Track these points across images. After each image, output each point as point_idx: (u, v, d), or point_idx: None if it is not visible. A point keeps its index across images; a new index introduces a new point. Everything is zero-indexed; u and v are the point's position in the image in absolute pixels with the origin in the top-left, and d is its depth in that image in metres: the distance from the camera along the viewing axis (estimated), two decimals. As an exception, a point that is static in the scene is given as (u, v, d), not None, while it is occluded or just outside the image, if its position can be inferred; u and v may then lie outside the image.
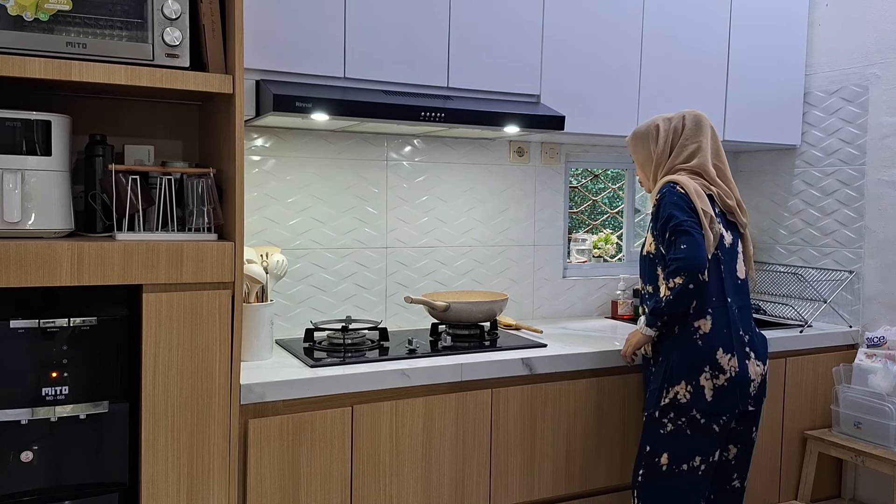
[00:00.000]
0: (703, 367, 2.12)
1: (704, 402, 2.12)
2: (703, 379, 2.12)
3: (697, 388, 2.12)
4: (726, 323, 2.15)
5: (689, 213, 2.12)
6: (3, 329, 1.69)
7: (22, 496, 1.73)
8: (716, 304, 2.16)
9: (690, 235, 2.08)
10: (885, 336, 2.80)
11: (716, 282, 2.17)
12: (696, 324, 2.14)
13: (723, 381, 2.12)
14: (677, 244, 2.11)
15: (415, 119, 2.24)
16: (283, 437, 1.97)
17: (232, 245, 1.88)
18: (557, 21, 2.60)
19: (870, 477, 2.97)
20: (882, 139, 2.92)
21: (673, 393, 2.13)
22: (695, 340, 2.14)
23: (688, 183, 2.16)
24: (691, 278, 2.08)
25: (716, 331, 2.14)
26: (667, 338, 2.19)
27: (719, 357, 2.12)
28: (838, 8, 3.07)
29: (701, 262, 2.07)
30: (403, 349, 2.32)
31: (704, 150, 2.25)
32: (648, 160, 2.32)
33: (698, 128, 2.27)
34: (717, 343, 2.13)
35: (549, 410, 2.33)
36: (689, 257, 2.07)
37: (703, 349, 2.13)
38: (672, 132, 2.28)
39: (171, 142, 2.26)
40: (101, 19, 1.77)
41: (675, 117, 2.31)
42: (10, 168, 1.73)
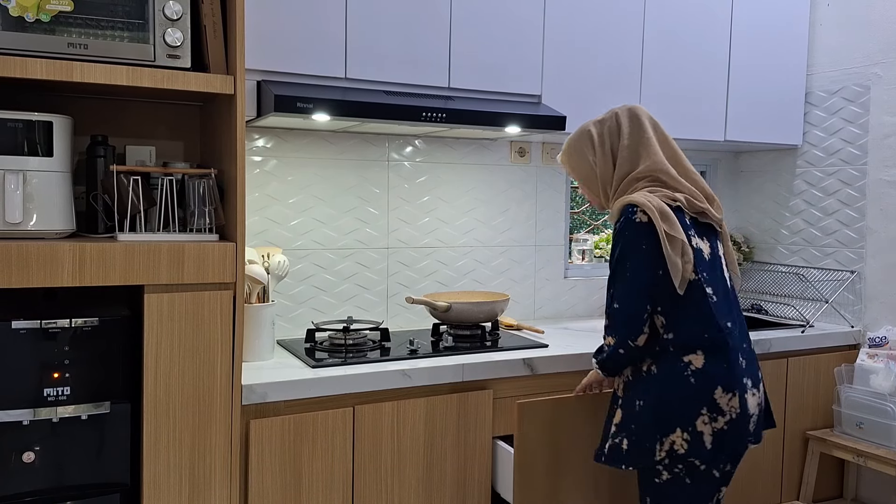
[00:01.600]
0: (699, 409, 1.81)
1: (704, 450, 1.81)
2: (700, 423, 1.81)
3: (695, 435, 1.81)
4: (724, 356, 1.84)
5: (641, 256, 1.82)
6: (5, 330, 1.70)
7: (24, 497, 1.73)
8: (708, 337, 1.84)
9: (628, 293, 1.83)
10: (886, 336, 2.80)
11: (703, 310, 1.85)
12: (686, 359, 1.83)
13: (722, 425, 1.81)
14: (612, 298, 1.87)
15: (416, 119, 2.24)
16: (284, 438, 1.97)
17: (233, 246, 1.88)
18: (558, 21, 2.61)
19: (872, 477, 2.97)
20: (883, 139, 2.92)
21: (668, 444, 1.82)
22: (686, 378, 1.82)
23: (650, 204, 1.83)
24: (621, 344, 1.85)
25: (712, 366, 1.82)
26: (651, 376, 1.87)
27: (718, 397, 1.81)
28: (839, 7, 3.07)
29: (633, 329, 1.82)
30: (405, 350, 2.32)
31: (653, 148, 1.94)
32: (591, 175, 2.01)
33: (637, 123, 1.97)
34: (714, 381, 1.82)
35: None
36: (620, 321, 1.84)
37: (697, 388, 1.81)
38: (608, 136, 1.98)
39: (173, 142, 2.26)
40: (103, 20, 1.77)
41: (607, 118, 2.00)
42: (11, 169, 1.73)
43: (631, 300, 1.83)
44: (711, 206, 1.96)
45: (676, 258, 1.81)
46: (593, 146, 2.00)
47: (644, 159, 1.94)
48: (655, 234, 1.82)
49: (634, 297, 1.83)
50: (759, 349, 2.71)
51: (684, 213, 1.90)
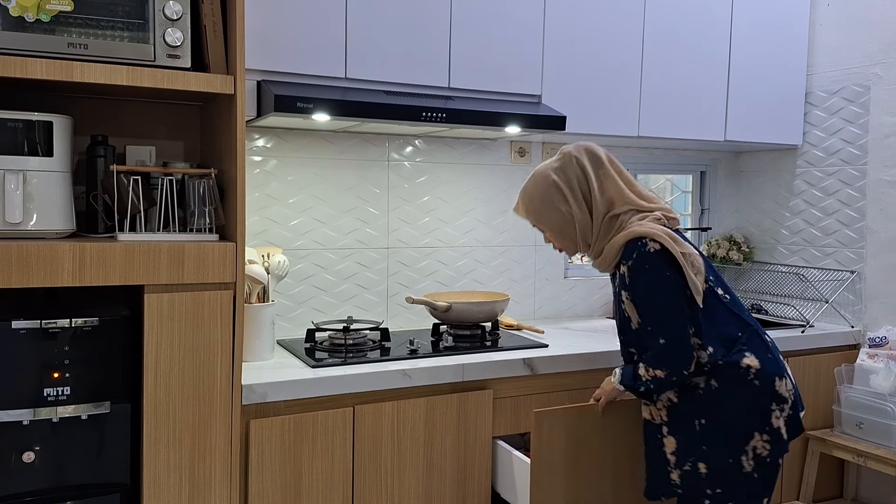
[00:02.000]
0: (769, 406, 1.84)
1: (784, 442, 1.84)
2: (774, 419, 1.84)
3: (773, 433, 1.83)
4: (765, 346, 1.89)
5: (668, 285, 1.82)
6: (5, 330, 1.70)
7: (24, 497, 1.73)
8: (743, 336, 1.88)
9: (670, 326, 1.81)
10: (886, 336, 2.80)
11: (725, 312, 1.90)
12: (743, 364, 1.85)
13: (788, 411, 1.86)
14: (655, 335, 1.83)
15: (416, 119, 2.24)
16: (284, 438, 1.97)
17: (233, 245, 1.88)
18: (558, 21, 2.60)
19: (872, 477, 2.97)
20: (883, 139, 2.92)
21: (751, 451, 1.83)
22: (751, 382, 1.84)
23: (658, 232, 1.83)
24: (674, 375, 1.83)
25: (764, 362, 1.86)
26: (711, 391, 1.86)
27: (778, 387, 1.85)
28: (840, 7, 3.07)
29: (685, 359, 1.81)
30: (405, 349, 2.32)
31: (619, 184, 1.94)
32: (566, 224, 1.95)
33: (599, 164, 1.94)
34: (772, 374, 1.85)
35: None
36: (670, 355, 1.81)
37: (762, 387, 1.84)
38: (577, 183, 1.93)
39: (173, 142, 2.26)
40: (103, 20, 1.77)
41: (567, 163, 1.95)
42: (11, 169, 1.73)
43: (676, 330, 1.81)
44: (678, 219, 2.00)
45: (695, 277, 1.84)
46: (564, 197, 1.94)
47: (616, 196, 1.93)
48: (672, 260, 1.83)
49: (678, 326, 1.82)
50: (759, 349, 2.71)
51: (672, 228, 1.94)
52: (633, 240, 1.86)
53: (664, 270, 1.83)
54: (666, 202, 1.97)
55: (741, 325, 1.90)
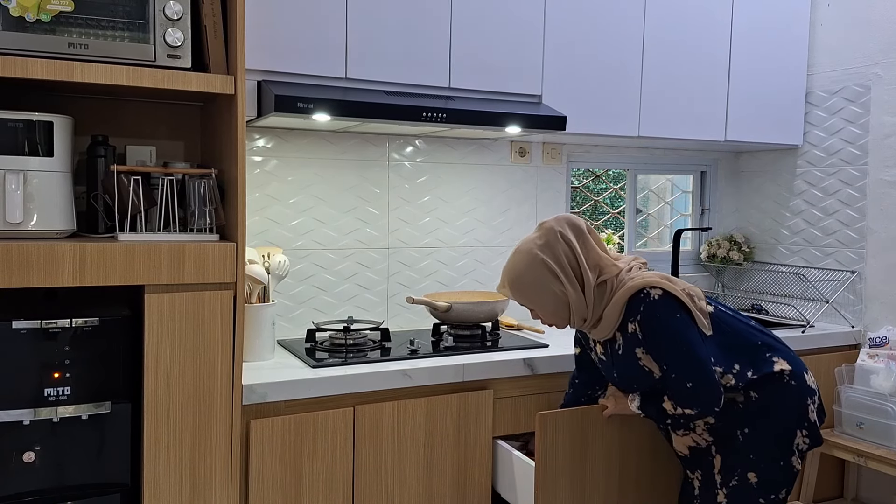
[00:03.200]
0: (806, 403, 1.90)
1: (818, 434, 1.91)
2: (810, 413, 1.90)
3: (811, 427, 1.90)
4: (784, 347, 1.95)
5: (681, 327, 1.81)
6: (6, 330, 1.70)
7: (24, 496, 1.73)
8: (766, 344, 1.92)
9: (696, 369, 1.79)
10: (887, 336, 2.80)
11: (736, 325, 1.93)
12: (777, 369, 1.88)
13: (818, 401, 1.94)
14: (681, 380, 1.80)
15: (416, 119, 2.24)
16: (284, 438, 1.97)
17: (234, 246, 1.88)
18: (559, 21, 2.60)
19: (872, 477, 2.97)
20: (884, 139, 2.92)
21: (795, 449, 1.88)
22: (787, 384, 1.88)
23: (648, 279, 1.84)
24: (705, 412, 1.82)
25: (791, 362, 1.91)
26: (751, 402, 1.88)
27: (809, 382, 1.92)
28: (840, 7, 3.06)
29: (716, 398, 1.80)
30: (405, 350, 2.32)
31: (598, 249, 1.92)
32: (558, 303, 1.87)
33: (582, 236, 1.91)
34: (801, 371, 1.91)
35: (550, 411, 2.33)
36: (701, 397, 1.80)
37: (798, 387, 1.89)
38: (567, 261, 1.87)
39: (173, 142, 2.26)
40: (103, 20, 1.78)
41: (551, 240, 1.88)
42: (12, 169, 1.73)
43: (702, 371, 1.79)
44: None
45: (698, 309, 1.87)
46: (557, 277, 1.86)
47: (600, 264, 1.90)
48: (677, 301, 1.84)
49: (703, 367, 1.80)
50: (760, 349, 2.71)
51: None
52: (634, 295, 1.84)
53: (674, 313, 1.82)
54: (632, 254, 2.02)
55: (757, 334, 1.94)
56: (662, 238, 3.51)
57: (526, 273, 1.87)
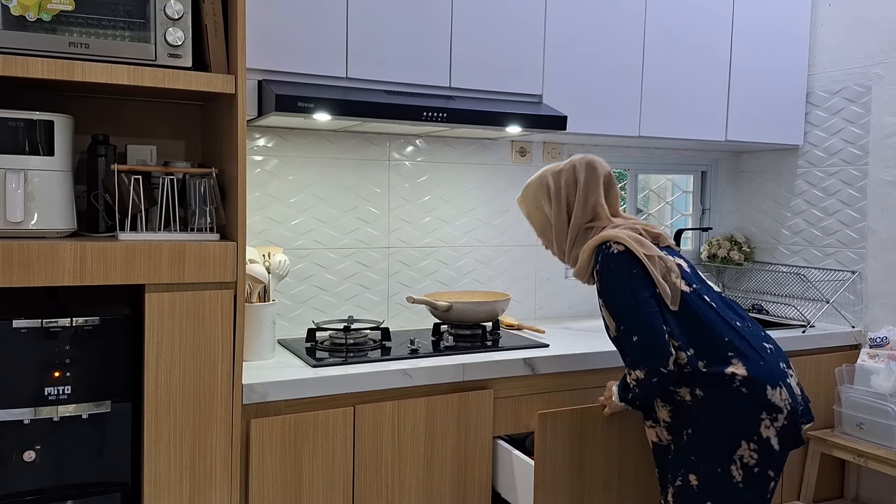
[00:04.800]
0: (758, 415, 1.77)
1: (773, 453, 1.78)
2: (763, 429, 1.77)
3: (762, 443, 1.77)
4: (756, 353, 1.82)
5: (634, 283, 1.82)
6: (6, 329, 1.70)
7: (25, 495, 1.73)
8: (729, 341, 1.83)
9: (641, 322, 1.79)
10: (887, 336, 2.80)
11: (710, 317, 1.85)
12: (728, 371, 1.79)
13: (783, 421, 1.78)
14: (628, 334, 1.81)
15: (417, 119, 2.24)
16: (285, 437, 1.97)
17: (234, 245, 1.88)
18: (559, 21, 2.60)
19: (873, 478, 2.97)
20: (885, 139, 2.92)
21: (738, 460, 1.78)
22: (737, 389, 1.78)
23: (619, 234, 1.87)
24: (653, 373, 1.78)
25: (753, 369, 1.79)
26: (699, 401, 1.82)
27: (770, 396, 1.78)
28: (841, 7, 3.06)
29: (661, 354, 1.77)
30: (405, 349, 2.32)
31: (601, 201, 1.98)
32: (546, 225, 2.04)
33: (593, 178, 1.99)
34: (763, 383, 1.79)
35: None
36: (645, 351, 1.78)
37: (751, 395, 1.78)
38: (565, 189, 1.99)
39: (174, 142, 2.26)
40: (104, 19, 1.78)
41: (566, 169, 2.01)
42: (12, 168, 1.73)
43: (648, 325, 1.80)
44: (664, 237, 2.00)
45: (660, 277, 1.85)
46: (549, 198, 2.02)
47: (598, 211, 1.98)
48: (637, 261, 1.85)
49: (649, 321, 1.80)
50: (760, 349, 2.71)
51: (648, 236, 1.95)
52: (598, 245, 1.92)
53: (629, 269, 1.85)
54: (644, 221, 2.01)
55: (729, 331, 1.84)
56: (663, 238, 3.51)
57: (531, 187, 2.07)
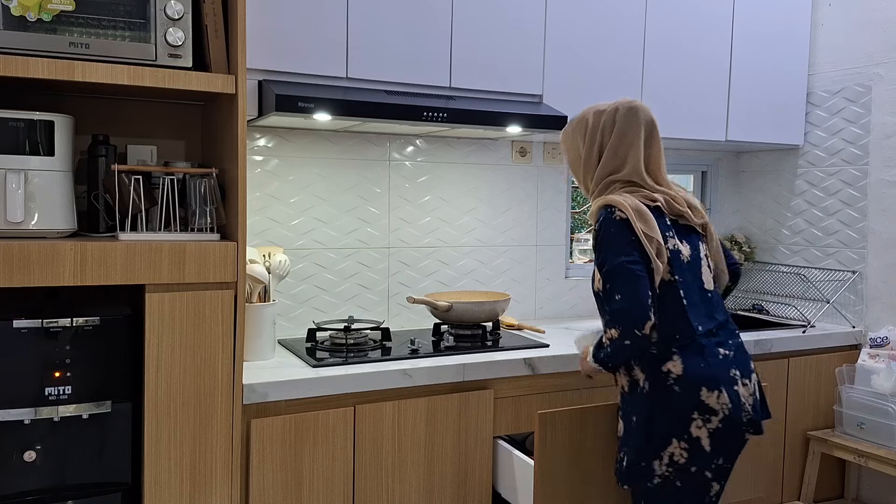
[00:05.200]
0: (690, 415, 1.79)
1: (704, 454, 1.79)
2: (694, 429, 1.78)
3: (693, 442, 1.78)
4: (700, 355, 1.81)
5: (629, 248, 1.80)
6: (7, 329, 1.70)
7: (25, 495, 1.73)
8: (683, 342, 1.82)
9: (627, 282, 1.77)
10: (888, 336, 2.80)
11: (676, 312, 1.84)
12: (665, 368, 1.81)
13: (717, 424, 1.79)
14: (612, 292, 1.80)
15: (417, 119, 2.24)
16: (285, 437, 1.97)
17: (234, 245, 1.88)
18: (560, 21, 2.60)
19: (873, 477, 2.96)
20: (885, 139, 2.92)
21: (667, 457, 1.80)
22: (670, 387, 1.80)
23: (626, 204, 1.84)
24: (627, 334, 1.77)
25: (690, 368, 1.80)
26: (640, 391, 1.85)
27: (705, 398, 1.78)
28: (841, 8, 3.06)
29: (639, 316, 1.76)
30: (406, 349, 2.32)
31: (637, 153, 1.93)
32: (577, 160, 2.02)
33: (632, 124, 1.94)
34: (698, 383, 1.79)
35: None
36: (624, 310, 1.76)
37: (683, 394, 1.79)
38: (602, 129, 1.95)
39: (174, 142, 2.26)
40: (104, 19, 1.78)
41: (608, 110, 1.97)
42: (13, 168, 1.73)
43: (635, 288, 1.78)
44: (693, 211, 1.96)
45: (654, 257, 1.82)
46: (584, 136, 1.99)
47: (626, 162, 1.93)
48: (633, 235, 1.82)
49: (637, 283, 1.78)
50: (760, 349, 2.71)
51: (664, 214, 1.90)
52: (604, 206, 1.87)
53: (628, 236, 1.82)
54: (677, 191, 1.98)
55: (685, 329, 1.83)
56: (663, 238, 3.51)
57: (572, 123, 2.05)
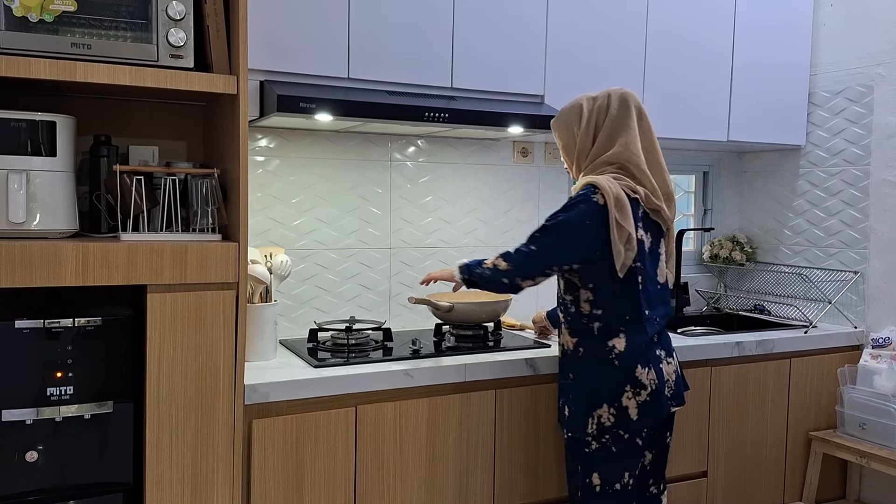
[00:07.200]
0: (623, 387, 2.00)
1: (631, 421, 2.00)
2: (625, 399, 1.99)
3: (621, 410, 1.99)
4: (642, 337, 2.02)
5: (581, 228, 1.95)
6: (9, 329, 1.70)
7: (27, 496, 1.74)
8: (630, 322, 2.01)
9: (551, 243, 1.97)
10: (890, 336, 2.80)
11: (631, 295, 2.01)
12: (610, 343, 2.01)
13: (645, 397, 2.00)
14: (534, 239, 2.00)
15: (418, 119, 2.24)
16: (286, 438, 1.97)
17: (236, 245, 1.88)
18: (561, 21, 2.60)
19: (875, 478, 2.96)
20: (887, 139, 2.92)
21: (597, 417, 2.01)
22: (611, 361, 2.01)
23: (610, 190, 1.95)
24: (510, 275, 2.01)
25: (632, 347, 2.00)
26: (578, 356, 2.06)
27: (639, 374, 2.00)
28: (843, 8, 3.06)
29: (531, 272, 1.99)
30: (407, 350, 2.32)
31: (631, 137, 2.03)
32: (571, 144, 2.11)
33: (625, 110, 2.04)
34: (634, 360, 2.00)
35: (552, 411, 2.33)
36: (529, 259, 1.99)
37: (620, 368, 2.00)
38: (596, 114, 2.06)
39: (176, 142, 2.27)
40: (106, 20, 1.78)
41: (601, 97, 2.08)
42: (15, 168, 1.73)
43: (547, 253, 1.98)
44: (668, 207, 2.08)
45: (621, 246, 1.95)
46: (580, 121, 2.08)
47: (620, 146, 2.03)
48: (606, 218, 1.95)
49: (553, 253, 1.98)
50: (762, 350, 2.71)
51: (640, 205, 2.03)
52: (589, 184, 2.00)
53: (588, 219, 1.95)
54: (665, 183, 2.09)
55: (635, 312, 2.01)
56: (665, 238, 3.50)
57: (565, 108, 2.14)
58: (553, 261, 1.99)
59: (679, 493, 2.58)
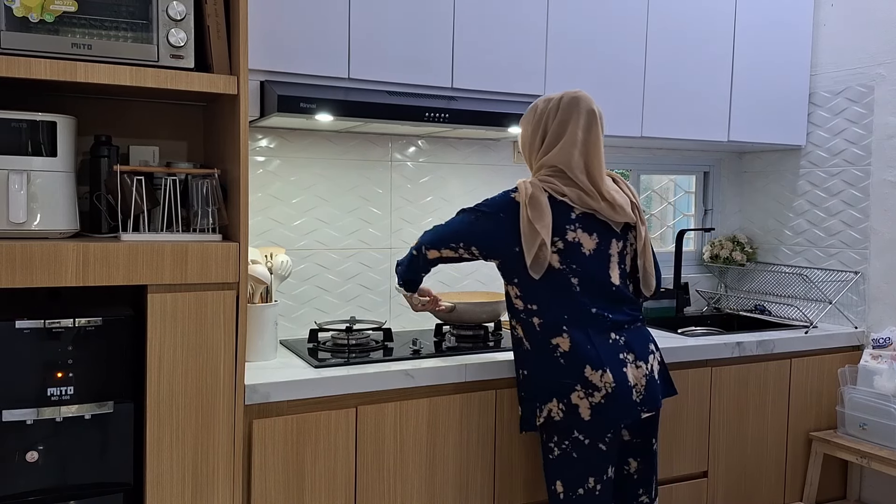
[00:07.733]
0: (573, 386, 1.96)
1: (582, 421, 1.96)
2: (575, 398, 1.96)
3: (571, 407, 1.97)
4: (587, 339, 1.97)
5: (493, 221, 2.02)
6: (9, 329, 1.70)
7: (27, 496, 1.74)
8: (571, 321, 1.98)
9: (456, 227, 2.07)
10: (890, 337, 2.79)
11: (567, 296, 1.99)
12: (554, 341, 2.00)
13: (599, 399, 1.95)
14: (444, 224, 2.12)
15: (419, 120, 2.24)
16: (287, 438, 1.97)
17: (236, 246, 1.88)
18: (561, 22, 2.60)
19: (875, 478, 2.96)
20: (887, 139, 2.92)
21: (546, 411, 2.00)
22: (556, 359, 1.99)
23: (525, 189, 1.99)
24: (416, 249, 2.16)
25: (577, 348, 1.97)
26: (525, 350, 2.07)
27: (589, 375, 1.96)
28: (843, 8, 3.06)
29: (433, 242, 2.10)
30: (408, 350, 2.32)
31: (570, 141, 2.00)
32: (526, 144, 2.13)
33: (572, 114, 2.02)
34: (582, 361, 1.96)
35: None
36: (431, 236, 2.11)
37: (567, 367, 1.98)
38: (546, 116, 2.06)
39: (176, 142, 2.27)
40: (107, 20, 1.78)
41: (554, 98, 2.06)
42: (15, 169, 1.73)
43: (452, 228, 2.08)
44: (613, 208, 2.01)
45: (532, 245, 1.96)
46: (532, 121, 2.10)
47: (558, 148, 2.03)
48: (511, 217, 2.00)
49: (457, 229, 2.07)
50: (763, 350, 2.71)
51: (572, 208, 2.01)
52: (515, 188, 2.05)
53: (503, 211, 2.02)
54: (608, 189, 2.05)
55: (574, 312, 2.00)
56: (665, 238, 3.50)
57: (529, 108, 2.16)
58: (456, 238, 2.06)
59: (679, 494, 2.58)
